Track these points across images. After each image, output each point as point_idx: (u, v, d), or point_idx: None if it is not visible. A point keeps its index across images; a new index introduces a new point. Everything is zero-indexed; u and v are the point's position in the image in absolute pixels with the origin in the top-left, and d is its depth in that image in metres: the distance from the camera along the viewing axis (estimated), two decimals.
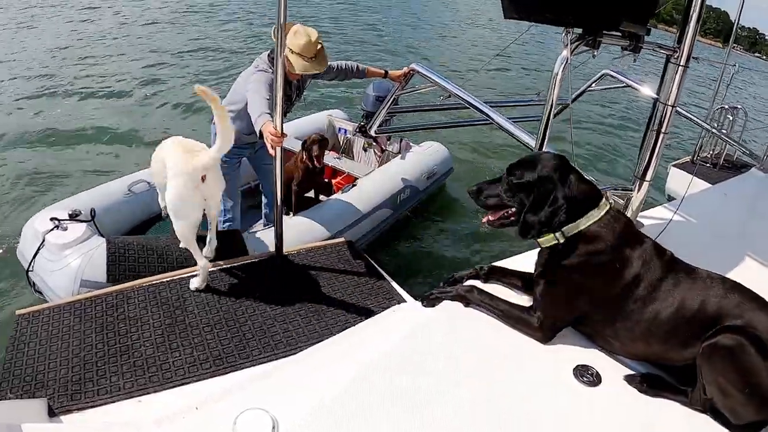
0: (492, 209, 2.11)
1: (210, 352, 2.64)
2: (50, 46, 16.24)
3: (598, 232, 1.90)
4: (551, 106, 2.59)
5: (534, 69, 16.42)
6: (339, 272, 3.37)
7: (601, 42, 2.44)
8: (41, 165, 6.98)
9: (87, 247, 3.42)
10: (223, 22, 20.68)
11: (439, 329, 2.11)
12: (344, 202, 4.54)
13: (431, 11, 33.85)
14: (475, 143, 8.65)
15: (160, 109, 9.64)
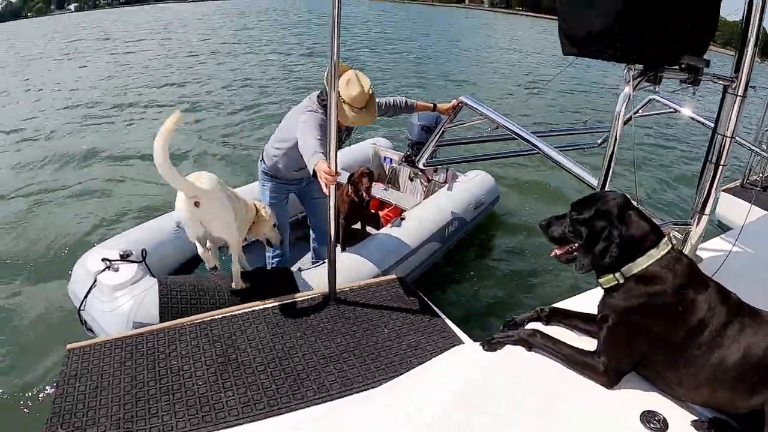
0: (558, 243, 2.13)
1: (264, 392, 2.58)
2: (94, 77, 16.92)
3: (658, 273, 1.86)
4: (614, 144, 2.51)
5: (569, 91, 16.41)
6: (392, 310, 3.29)
7: (662, 77, 2.38)
8: (90, 193, 7.28)
9: (139, 288, 3.38)
10: (260, 54, 21.34)
11: (501, 373, 2.07)
12: (393, 237, 4.47)
13: (466, 38, 34.41)
14: (520, 168, 8.59)
15: (202, 140, 9.93)
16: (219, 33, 30.60)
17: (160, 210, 5.34)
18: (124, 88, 14.85)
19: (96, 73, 17.47)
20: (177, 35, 29.61)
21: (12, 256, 5.69)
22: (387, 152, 6.34)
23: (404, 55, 23.40)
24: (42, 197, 7.36)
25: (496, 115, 3.68)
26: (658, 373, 1.93)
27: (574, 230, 2.03)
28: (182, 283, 3.46)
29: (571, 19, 2.42)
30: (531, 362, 2.08)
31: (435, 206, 5.10)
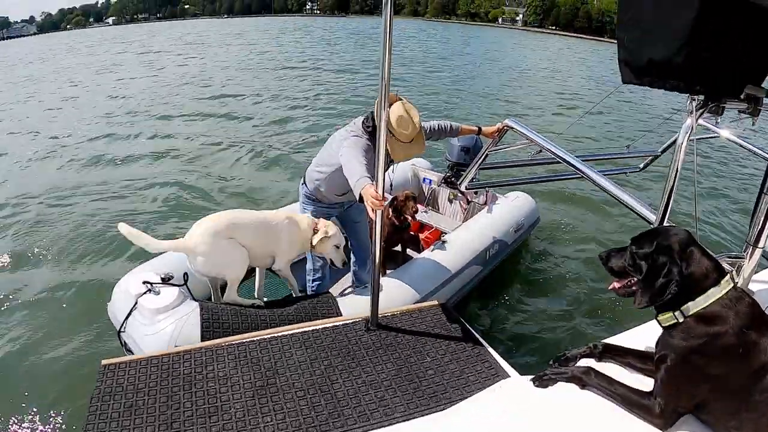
0: (617, 276, 2.10)
1: (303, 418, 2.51)
2: (135, 88, 17.32)
3: (719, 313, 1.80)
4: (675, 176, 2.43)
5: (609, 113, 16.20)
6: (435, 338, 3.19)
7: (724, 108, 2.31)
8: (126, 212, 7.30)
9: (181, 312, 3.33)
10: (294, 69, 21.72)
11: (552, 411, 2.03)
12: (434, 261, 4.39)
13: (502, 56, 34.54)
14: (558, 191, 8.46)
15: (238, 161, 10.03)
16: (255, 47, 31.48)
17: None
18: (168, 99, 15.22)
19: (137, 84, 17.95)
20: (213, 49, 30.45)
21: (54, 266, 5.83)
22: (426, 173, 6.32)
23: (440, 73, 23.58)
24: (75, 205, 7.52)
25: (541, 139, 3.64)
26: (717, 418, 1.85)
27: (634, 264, 1.99)
28: (224, 307, 3.42)
29: (632, 47, 2.37)
30: (583, 401, 2.03)
31: (475, 229, 5.01)
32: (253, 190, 8.36)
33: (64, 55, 28.80)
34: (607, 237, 6.88)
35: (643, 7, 2.29)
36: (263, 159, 10.02)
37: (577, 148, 11.31)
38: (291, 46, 33.61)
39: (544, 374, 2.20)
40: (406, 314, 3.42)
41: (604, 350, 2.30)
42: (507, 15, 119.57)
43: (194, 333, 3.20)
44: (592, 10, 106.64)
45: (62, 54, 31.02)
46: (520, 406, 2.13)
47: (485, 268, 4.88)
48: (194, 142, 11.16)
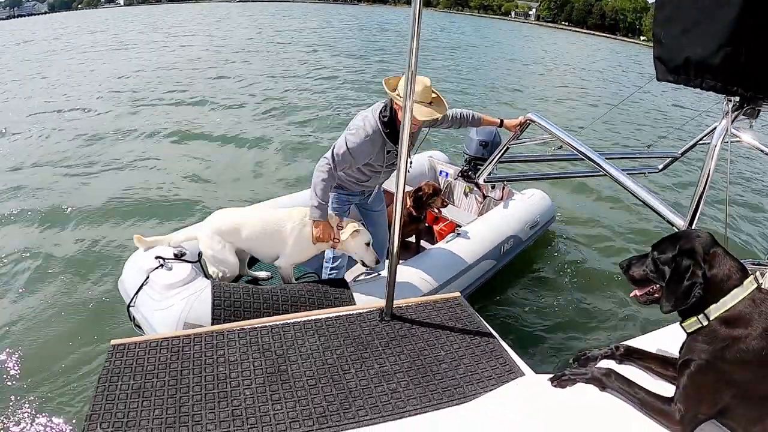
0: (639, 284, 2.11)
1: (314, 408, 2.47)
2: (149, 68, 17.42)
3: (743, 315, 1.79)
4: (707, 180, 2.39)
5: (628, 112, 16.12)
6: (449, 331, 3.16)
7: (760, 111, 2.33)
8: (146, 197, 7.43)
9: (192, 288, 3.35)
10: (300, 52, 21.89)
11: (568, 412, 2.03)
12: (448, 252, 4.42)
13: (514, 50, 34.65)
14: (577, 188, 8.48)
15: (261, 149, 10.12)
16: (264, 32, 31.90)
17: None
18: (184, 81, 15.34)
19: (152, 64, 18.08)
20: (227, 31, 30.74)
21: (65, 245, 5.91)
22: (443, 165, 6.33)
23: (455, 65, 23.69)
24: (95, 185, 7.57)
25: (564, 134, 3.62)
26: (739, 423, 1.83)
27: (656, 270, 2.00)
28: (236, 286, 3.42)
29: (669, 45, 2.37)
30: (601, 403, 2.02)
31: (491, 223, 5.03)
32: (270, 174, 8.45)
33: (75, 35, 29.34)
34: (627, 236, 6.87)
35: (682, 5, 2.28)
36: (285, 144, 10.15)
37: (595, 146, 11.20)
38: (300, 31, 34.31)
39: (563, 374, 2.19)
40: (421, 305, 3.39)
41: (625, 353, 2.28)
42: (520, 9, 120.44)
43: (205, 311, 3.21)
44: (606, 7, 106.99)
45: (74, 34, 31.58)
46: (535, 405, 2.12)
47: (499, 263, 4.91)
48: (221, 125, 11.31)
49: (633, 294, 2.13)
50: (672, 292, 1.90)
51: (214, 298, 3.27)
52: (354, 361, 2.80)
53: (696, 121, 3.04)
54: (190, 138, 10.12)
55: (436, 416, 2.43)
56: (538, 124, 3.84)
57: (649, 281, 2.05)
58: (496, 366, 2.89)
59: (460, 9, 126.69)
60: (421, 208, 4.66)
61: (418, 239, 5.18)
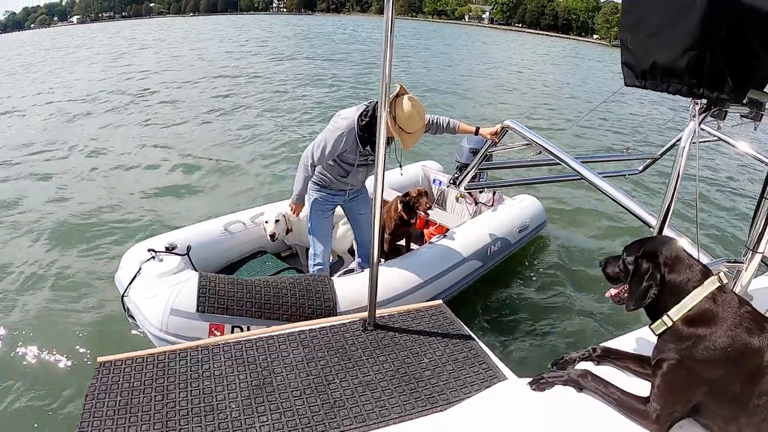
0: (614, 283, 2.21)
1: (299, 419, 2.58)
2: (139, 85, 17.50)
3: (705, 314, 1.87)
4: (677, 181, 2.47)
5: (607, 117, 16.40)
6: (433, 339, 3.28)
7: (727, 112, 2.36)
8: (145, 200, 7.79)
9: (180, 278, 3.69)
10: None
11: (548, 414, 2.07)
12: (434, 252, 4.62)
13: (474, 54, 35.14)
14: (571, 194, 8.60)
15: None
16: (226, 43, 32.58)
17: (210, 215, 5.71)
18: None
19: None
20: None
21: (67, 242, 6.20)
22: (436, 174, 6.55)
23: (423, 71, 24.16)
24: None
25: (541, 140, 3.71)
26: (715, 422, 1.90)
27: (624, 271, 2.11)
28: (222, 278, 3.67)
29: (636, 50, 2.42)
30: (580, 405, 2.06)
31: (479, 226, 5.20)
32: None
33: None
34: (615, 242, 6.96)
35: (648, 11, 2.34)
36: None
37: (577, 149, 11.46)
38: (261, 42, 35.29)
39: (542, 378, 2.25)
40: (403, 314, 3.50)
41: (602, 353, 2.34)
42: (473, 12, 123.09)
43: (190, 299, 3.50)
44: (558, 8, 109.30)
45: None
46: (516, 409, 2.17)
47: (486, 265, 5.07)
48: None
49: (608, 293, 2.23)
50: (633, 293, 2.02)
51: (199, 287, 3.54)
52: (338, 372, 2.91)
53: (673, 121, 3.13)
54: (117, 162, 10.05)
55: (420, 423, 2.52)
56: (514, 130, 3.93)
57: (621, 281, 2.15)
58: (479, 371, 3.00)
59: (414, 15, 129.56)
60: (411, 212, 4.79)
61: (408, 242, 5.32)
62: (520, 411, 2.13)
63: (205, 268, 4.22)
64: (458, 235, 4.87)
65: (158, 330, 3.50)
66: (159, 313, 3.50)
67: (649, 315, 2.02)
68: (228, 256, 4.69)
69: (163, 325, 3.49)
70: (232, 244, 4.70)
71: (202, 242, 4.44)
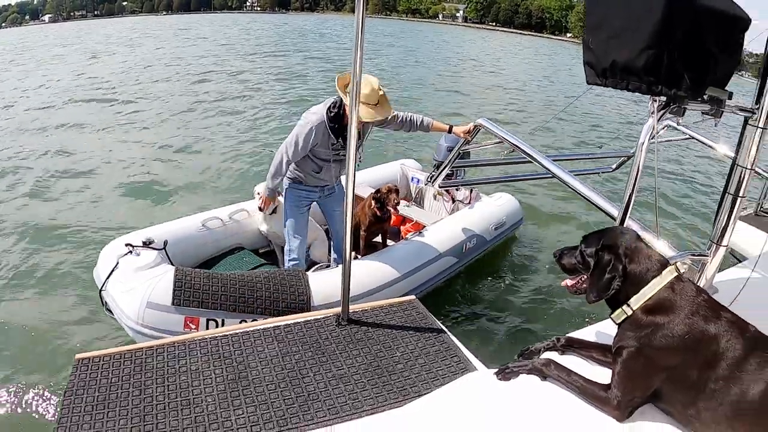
0: (570, 273, 2.28)
1: (273, 411, 2.65)
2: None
3: (663, 303, 1.95)
4: (637, 174, 2.58)
5: (582, 115, 16.67)
6: (405, 333, 3.36)
7: (686, 109, 2.46)
8: (127, 198, 7.85)
9: (156, 272, 3.78)
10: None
11: (513, 403, 2.14)
12: (409, 248, 4.71)
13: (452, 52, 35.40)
14: (549, 192, 8.71)
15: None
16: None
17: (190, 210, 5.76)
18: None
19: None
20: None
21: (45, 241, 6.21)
22: (415, 172, 6.65)
23: (396, 68, 24.43)
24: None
25: (513, 138, 3.78)
26: (674, 407, 1.98)
27: (583, 262, 2.17)
28: (198, 273, 3.77)
29: (597, 50, 2.51)
30: (545, 393, 2.14)
31: (454, 223, 5.29)
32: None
33: None
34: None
35: (609, 12, 2.43)
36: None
37: (555, 148, 11.63)
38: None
39: (507, 368, 2.33)
40: (377, 309, 3.59)
41: (566, 343, 2.43)
42: (447, 11, 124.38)
43: (166, 292, 3.60)
44: (531, 7, 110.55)
45: None
46: (483, 398, 2.24)
47: (461, 261, 5.15)
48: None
49: (564, 283, 2.30)
50: (594, 284, 2.09)
51: (175, 280, 3.64)
52: (312, 366, 2.99)
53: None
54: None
55: (391, 414, 2.60)
56: (487, 129, 4.01)
57: (579, 271, 2.22)
58: (450, 364, 3.10)
59: (388, 14, 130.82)
60: (383, 208, 4.86)
61: (384, 239, 5.38)
62: (487, 400, 2.20)
63: (182, 263, 4.29)
64: (434, 232, 4.95)
65: (135, 323, 3.58)
66: (135, 306, 3.59)
67: (610, 305, 2.10)
68: (206, 251, 4.76)
69: (140, 318, 3.57)
70: (209, 239, 4.77)
71: (180, 238, 4.52)
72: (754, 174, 2.60)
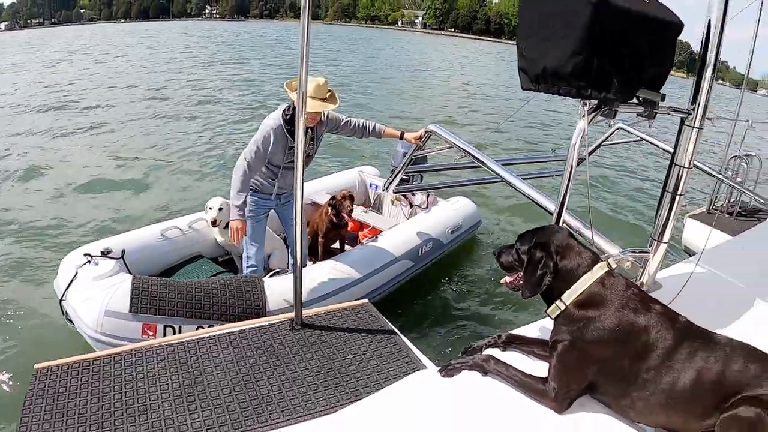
0: (509, 271, 2.34)
1: (229, 414, 2.74)
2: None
3: (594, 297, 2.04)
4: (570, 174, 2.66)
5: (535, 119, 17.03)
6: (358, 336, 3.48)
7: (617, 111, 2.53)
8: (83, 207, 7.81)
9: (114, 281, 3.86)
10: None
11: (455, 399, 2.20)
12: (365, 252, 4.82)
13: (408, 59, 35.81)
14: (509, 196, 8.89)
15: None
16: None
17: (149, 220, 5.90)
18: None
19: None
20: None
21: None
22: (373, 179, 6.77)
23: (351, 77, 24.69)
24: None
25: (463, 143, 3.88)
26: (609, 398, 2.06)
27: (518, 260, 2.24)
28: (155, 281, 3.85)
29: (529, 56, 2.59)
30: (485, 389, 2.21)
31: (411, 227, 5.40)
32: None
33: None
34: None
35: (540, 19, 2.50)
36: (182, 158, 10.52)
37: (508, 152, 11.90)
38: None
39: (449, 365, 2.40)
40: (330, 313, 3.70)
41: (507, 340, 2.50)
42: (406, 18, 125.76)
43: (124, 301, 3.68)
44: (490, 13, 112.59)
45: None
46: (432, 395, 2.31)
47: (417, 264, 5.26)
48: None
49: (503, 280, 2.38)
50: (527, 280, 2.18)
51: (133, 288, 3.72)
52: (266, 369, 3.09)
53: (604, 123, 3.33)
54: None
55: (343, 413, 2.70)
56: (437, 134, 4.12)
57: (516, 269, 2.28)
58: (402, 364, 3.22)
59: (347, 20, 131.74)
60: (339, 215, 4.97)
61: (342, 244, 5.51)
62: (436, 396, 2.27)
63: (142, 272, 4.35)
64: (390, 237, 5.06)
65: (94, 331, 3.65)
66: (94, 314, 3.66)
67: (545, 300, 2.18)
68: (165, 260, 4.81)
69: (99, 327, 3.64)
70: (169, 249, 4.83)
71: (140, 247, 4.58)
72: (706, 174, 2.68)
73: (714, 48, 2.54)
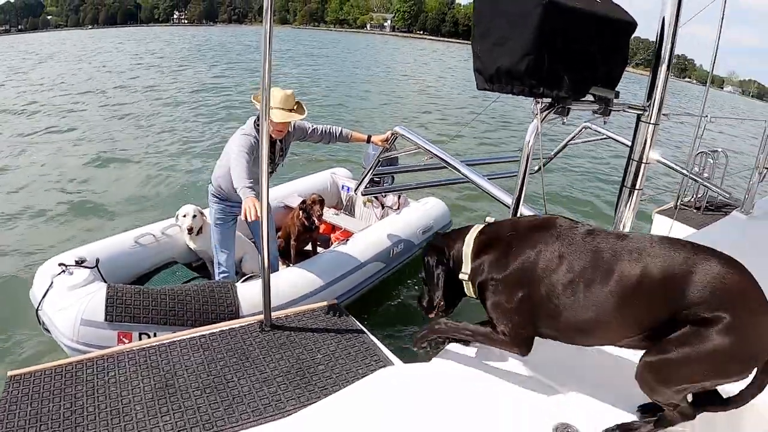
0: (431, 306, 2.40)
1: (200, 416, 2.82)
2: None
3: (480, 247, 2.11)
4: (525, 171, 2.77)
5: (507, 121, 17.32)
6: (326, 336, 3.57)
7: (570, 109, 2.60)
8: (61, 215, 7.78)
9: (89, 290, 3.87)
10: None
11: (420, 395, 2.27)
12: (337, 254, 4.85)
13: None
14: (480, 196, 8.93)
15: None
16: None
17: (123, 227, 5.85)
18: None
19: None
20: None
21: None
22: (345, 181, 6.81)
23: (315, 80, 24.82)
24: None
25: (428, 144, 3.96)
26: (558, 331, 1.98)
27: (426, 281, 2.37)
28: (129, 288, 3.88)
29: (483, 58, 2.65)
30: (450, 383, 2.29)
31: (382, 228, 5.45)
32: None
33: None
34: None
35: (493, 21, 2.55)
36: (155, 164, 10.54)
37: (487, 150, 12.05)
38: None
39: (415, 341, 2.47)
40: (300, 314, 3.79)
41: None
42: (375, 21, 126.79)
43: (99, 309, 3.69)
44: (458, 15, 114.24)
45: None
46: (399, 389, 2.37)
47: (389, 266, 5.31)
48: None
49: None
50: (432, 287, 2.27)
51: (107, 297, 3.74)
52: (236, 371, 3.17)
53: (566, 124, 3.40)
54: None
55: (312, 411, 2.77)
56: (403, 136, 4.21)
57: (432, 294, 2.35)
58: (370, 363, 3.32)
59: (316, 24, 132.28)
60: (310, 218, 5.05)
61: (314, 247, 5.55)
62: (402, 391, 2.34)
63: (116, 279, 4.36)
64: (361, 239, 5.12)
65: (70, 340, 3.67)
66: (70, 324, 3.67)
67: (462, 295, 2.28)
68: (139, 267, 4.83)
69: (75, 335, 3.66)
70: (143, 256, 4.85)
71: (113, 255, 4.59)
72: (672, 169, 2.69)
73: (668, 45, 2.62)
